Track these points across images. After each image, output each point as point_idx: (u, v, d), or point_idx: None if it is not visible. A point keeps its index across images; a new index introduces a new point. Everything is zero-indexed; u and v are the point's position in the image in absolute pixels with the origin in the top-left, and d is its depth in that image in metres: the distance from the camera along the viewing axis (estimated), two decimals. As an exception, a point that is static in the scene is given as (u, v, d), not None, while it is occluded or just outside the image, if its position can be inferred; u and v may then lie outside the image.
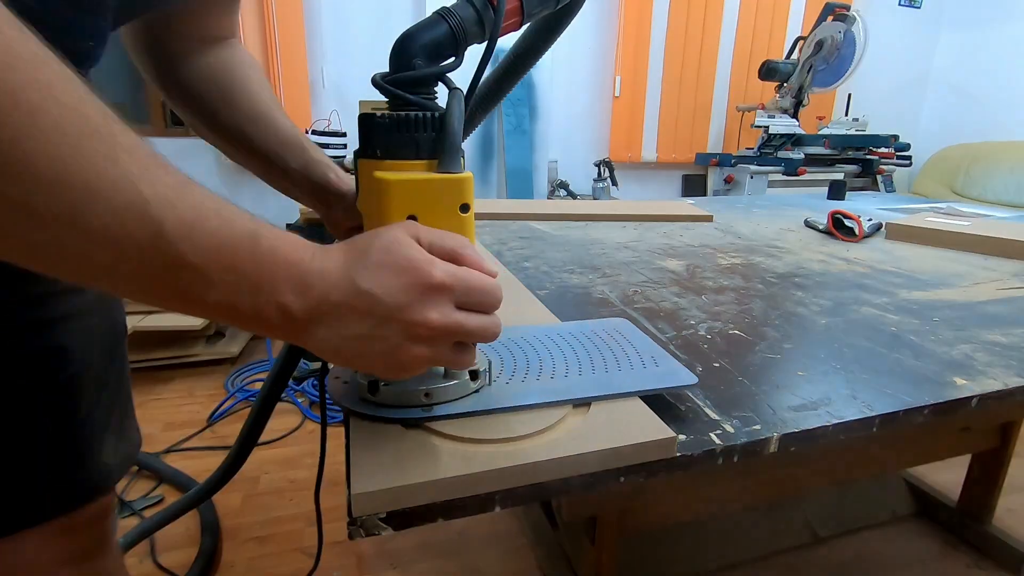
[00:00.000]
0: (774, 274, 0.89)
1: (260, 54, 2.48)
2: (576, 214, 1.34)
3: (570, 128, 3.19)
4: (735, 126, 3.43)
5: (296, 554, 1.24)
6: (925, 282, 0.86)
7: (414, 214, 0.37)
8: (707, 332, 0.63)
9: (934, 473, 1.46)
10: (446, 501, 0.35)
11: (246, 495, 1.39)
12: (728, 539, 1.28)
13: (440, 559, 1.23)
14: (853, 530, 1.33)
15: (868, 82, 3.57)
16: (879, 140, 3.16)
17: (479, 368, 0.44)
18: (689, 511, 0.88)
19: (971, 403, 0.50)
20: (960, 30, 3.75)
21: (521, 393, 0.44)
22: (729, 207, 1.61)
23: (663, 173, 3.48)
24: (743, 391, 0.49)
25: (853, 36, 2.89)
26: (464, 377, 0.43)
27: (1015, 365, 0.56)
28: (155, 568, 1.19)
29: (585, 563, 0.90)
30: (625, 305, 0.72)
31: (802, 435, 0.44)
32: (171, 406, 1.82)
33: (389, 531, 0.35)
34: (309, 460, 1.57)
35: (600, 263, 0.93)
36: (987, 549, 1.27)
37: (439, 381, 0.42)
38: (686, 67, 3.26)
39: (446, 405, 0.42)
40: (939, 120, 3.90)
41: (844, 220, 1.17)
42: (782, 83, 3.11)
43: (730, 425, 0.43)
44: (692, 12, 3.16)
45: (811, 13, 3.33)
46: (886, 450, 0.98)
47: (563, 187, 3.05)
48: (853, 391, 0.50)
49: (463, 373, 0.43)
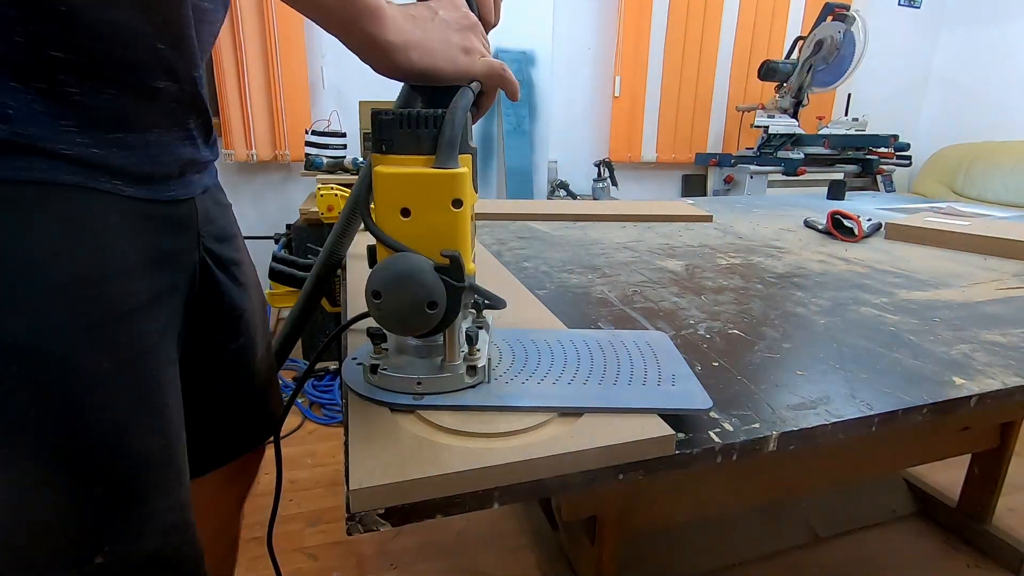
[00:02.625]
0: (773, 274, 0.89)
1: (260, 54, 2.48)
2: (576, 214, 1.34)
3: (570, 128, 3.19)
4: (735, 126, 3.43)
5: (296, 554, 1.24)
6: (924, 282, 0.86)
7: (407, 207, 0.38)
8: (706, 332, 0.63)
9: (934, 473, 1.46)
10: (445, 497, 0.35)
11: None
12: (728, 539, 1.28)
13: (440, 559, 1.23)
14: (853, 530, 1.33)
15: (868, 82, 3.57)
16: (879, 140, 3.16)
17: (477, 363, 0.44)
18: (689, 511, 0.88)
19: (970, 403, 0.50)
20: (960, 30, 3.75)
21: (516, 394, 0.43)
22: (729, 207, 1.61)
23: (663, 173, 3.48)
24: (742, 390, 0.49)
25: (853, 36, 2.89)
26: (460, 371, 0.43)
27: (1014, 365, 0.56)
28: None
29: (585, 563, 0.91)
30: (624, 305, 0.72)
31: (801, 434, 0.44)
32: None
33: (388, 527, 0.35)
34: (309, 460, 1.57)
35: (600, 263, 0.93)
36: (987, 549, 1.27)
37: (433, 372, 0.43)
38: (686, 67, 3.26)
39: (437, 396, 0.42)
40: (939, 120, 3.90)
41: (844, 220, 1.17)
42: (782, 83, 3.11)
43: (729, 424, 0.44)
44: (692, 12, 3.16)
45: (811, 13, 3.33)
46: (886, 450, 0.98)
47: (563, 187, 3.05)
48: (852, 390, 0.50)
49: (459, 366, 0.43)
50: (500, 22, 0.54)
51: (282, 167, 2.72)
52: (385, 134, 0.40)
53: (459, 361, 0.43)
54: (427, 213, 0.38)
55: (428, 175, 0.38)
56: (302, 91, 2.61)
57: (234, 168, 2.65)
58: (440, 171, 0.38)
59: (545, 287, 0.79)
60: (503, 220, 1.30)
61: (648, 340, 0.55)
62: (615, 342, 0.54)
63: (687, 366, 0.49)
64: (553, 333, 0.56)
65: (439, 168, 0.38)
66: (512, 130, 2.82)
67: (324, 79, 2.68)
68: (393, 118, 0.39)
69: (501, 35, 2.73)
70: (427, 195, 0.38)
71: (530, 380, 0.46)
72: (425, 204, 0.38)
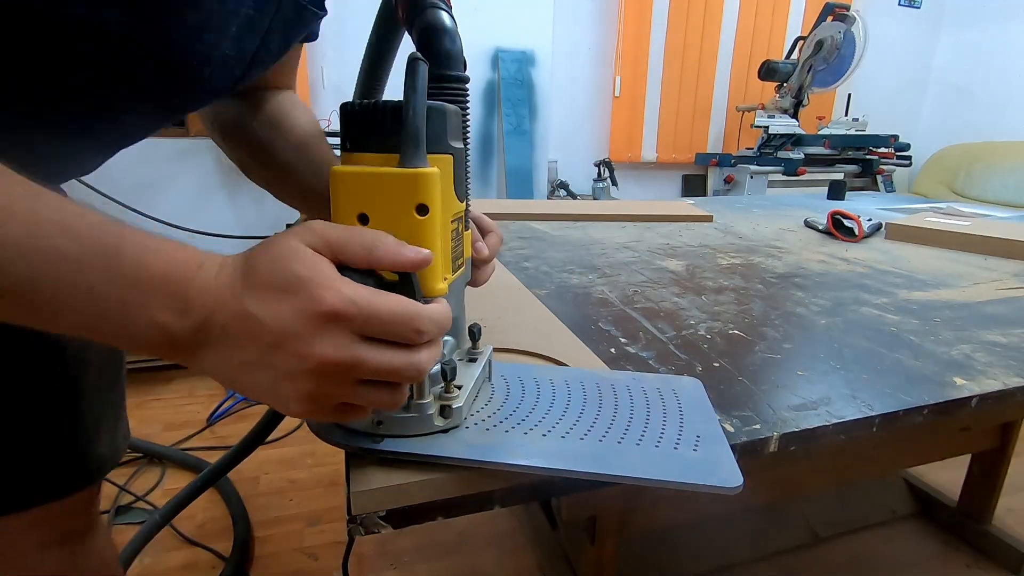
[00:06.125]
0: (774, 274, 0.89)
1: (260, 54, 2.47)
2: (576, 214, 1.34)
3: (570, 128, 3.19)
4: (735, 126, 3.43)
5: (296, 554, 1.24)
6: (925, 282, 0.86)
7: (364, 213, 0.33)
8: (707, 332, 0.63)
9: (934, 473, 1.46)
10: (446, 499, 0.35)
11: (246, 495, 1.39)
12: (728, 539, 1.28)
13: (440, 559, 1.23)
14: (853, 530, 1.33)
15: (868, 82, 3.57)
16: (879, 140, 3.16)
17: (452, 404, 0.37)
18: (689, 511, 0.88)
19: (971, 403, 0.50)
20: (960, 30, 3.75)
21: (494, 446, 0.37)
22: (729, 207, 1.61)
23: (663, 173, 3.48)
24: (743, 391, 0.49)
25: (853, 36, 2.89)
26: (429, 412, 0.37)
27: (1015, 365, 0.56)
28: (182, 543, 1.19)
29: (585, 563, 0.90)
30: (625, 305, 0.72)
31: (802, 434, 0.44)
32: (171, 406, 1.82)
33: (389, 529, 0.35)
34: (309, 460, 1.57)
35: (600, 263, 0.93)
36: (987, 549, 1.26)
37: (398, 410, 0.36)
38: (686, 67, 3.26)
39: (401, 441, 0.36)
40: (939, 120, 3.90)
41: (844, 220, 1.17)
42: (782, 83, 3.11)
43: (730, 424, 0.43)
44: (692, 12, 3.16)
45: (811, 13, 3.33)
46: (886, 450, 0.98)
47: (563, 187, 3.05)
48: (853, 391, 0.50)
49: (428, 405, 0.37)
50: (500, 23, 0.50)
51: (282, 167, 2.72)
52: (351, 129, 0.35)
53: (428, 399, 0.37)
54: (387, 220, 0.33)
55: (387, 175, 0.32)
56: (302, 91, 2.60)
57: (234, 168, 2.64)
58: (401, 171, 0.32)
59: (545, 287, 0.78)
60: (503, 220, 1.30)
61: (675, 388, 0.46)
62: (634, 388, 0.46)
63: (718, 424, 0.41)
64: (563, 372, 0.49)
65: (402, 168, 0.32)
66: (512, 130, 2.82)
67: (324, 79, 2.67)
68: (353, 109, 0.34)
69: (501, 35, 2.73)
70: (387, 199, 0.33)
71: (517, 428, 0.39)
72: (385, 209, 0.33)
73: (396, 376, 0.29)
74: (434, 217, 0.33)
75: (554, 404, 0.42)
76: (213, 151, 2.61)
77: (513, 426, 0.39)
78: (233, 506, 1.33)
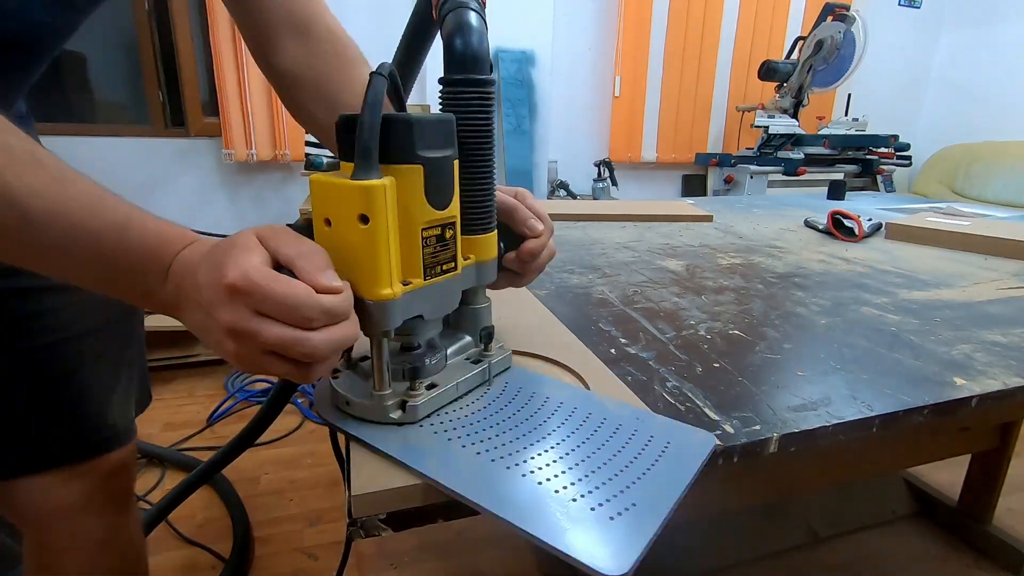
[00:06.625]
0: (774, 274, 0.89)
1: (260, 54, 2.47)
2: (576, 214, 1.34)
3: (570, 128, 3.19)
4: (735, 126, 3.43)
5: (296, 554, 1.24)
6: (925, 282, 0.86)
7: (328, 218, 0.36)
8: (707, 332, 0.63)
9: (934, 473, 1.46)
10: (446, 501, 0.35)
11: (246, 495, 1.39)
12: (728, 539, 1.28)
13: (440, 559, 1.23)
14: (853, 530, 1.33)
15: (868, 82, 3.56)
16: (879, 140, 3.16)
17: (410, 402, 0.40)
18: (689, 511, 0.87)
19: (971, 403, 0.50)
20: (960, 30, 3.75)
21: (426, 452, 0.37)
22: (729, 207, 1.61)
23: (663, 173, 3.48)
24: (743, 391, 0.49)
25: (853, 36, 2.89)
26: (384, 403, 0.40)
27: (1015, 365, 0.56)
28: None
29: (585, 563, 0.90)
30: (625, 305, 0.72)
31: (802, 435, 0.44)
32: (171, 406, 1.82)
33: (389, 532, 0.35)
34: (309, 460, 1.57)
35: (600, 263, 0.93)
36: (987, 549, 1.27)
37: (364, 396, 0.40)
38: (686, 67, 3.26)
39: (364, 426, 0.40)
40: (939, 120, 3.90)
41: (844, 220, 1.17)
42: (782, 83, 3.11)
43: (730, 425, 0.43)
44: (692, 12, 3.16)
45: (811, 13, 3.33)
46: (886, 450, 0.98)
47: (563, 187, 3.05)
48: (853, 391, 0.50)
49: (384, 397, 0.40)
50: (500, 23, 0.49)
51: (282, 167, 2.72)
52: (339, 139, 0.37)
53: (387, 392, 0.40)
54: (343, 226, 0.35)
55: (336, 185, 0.35)
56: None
57: (234, 168, 2.65)
58: (347, 182, 0.34)
59: (545, 287, 0.78)
60: (503, 220, 1.30)
61: (674, 440, 0.40)
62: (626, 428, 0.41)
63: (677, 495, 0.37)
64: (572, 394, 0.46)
65: (352, 179, 0.34)
66: (512, 130, 2.82)
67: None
68: (343, 122, 0.37)
69: (501, 35, 2.72)
70: (340, 207, 0.35)
71: (461, 439, 0.39)
72: (340, 216, 0.35)
73: (289, 352, 0.32)
74: (375, 227, 0.35)
75: (523, 425, 0.41)
76: (213, 151, 2.61)
77: (459, 436, 0.39)
78: (232, 506, 1.33)
